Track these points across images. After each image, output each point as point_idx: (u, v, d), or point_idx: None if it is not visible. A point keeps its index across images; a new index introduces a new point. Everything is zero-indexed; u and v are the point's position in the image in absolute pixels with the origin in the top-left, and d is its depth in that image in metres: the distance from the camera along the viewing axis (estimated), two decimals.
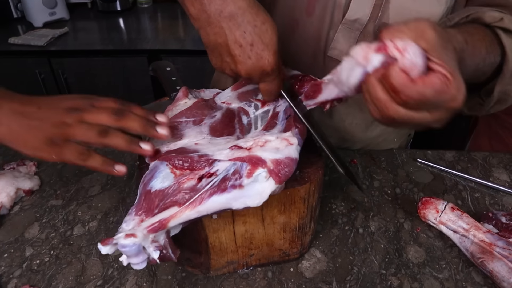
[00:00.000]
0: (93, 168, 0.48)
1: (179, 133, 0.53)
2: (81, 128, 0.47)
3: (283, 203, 0.51)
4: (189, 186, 0.45)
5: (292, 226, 0.54)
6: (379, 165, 0.78)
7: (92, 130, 0.47)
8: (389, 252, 0.61)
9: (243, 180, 0.44)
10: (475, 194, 0.72)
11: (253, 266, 0.58)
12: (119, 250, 0.42)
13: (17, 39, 1.69)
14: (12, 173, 0.71)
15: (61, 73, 1.71)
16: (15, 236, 0.63)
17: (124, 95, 1.77)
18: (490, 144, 1.03)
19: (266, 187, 0.44)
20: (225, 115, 0.57)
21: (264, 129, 0.55)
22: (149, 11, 2.08)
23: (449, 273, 0.58)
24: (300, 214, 0.53)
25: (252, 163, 0.45)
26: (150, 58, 1.67)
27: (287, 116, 0.55)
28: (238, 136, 0.54)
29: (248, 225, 0.52)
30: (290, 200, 0.51)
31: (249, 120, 0.58)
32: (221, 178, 0.45)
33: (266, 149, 0.46)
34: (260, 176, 0.44)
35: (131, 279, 0.57)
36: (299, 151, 0.49)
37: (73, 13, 2.02)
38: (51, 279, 0.57)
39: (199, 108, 0.56)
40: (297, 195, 0.51)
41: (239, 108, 0.59)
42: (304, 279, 0.57)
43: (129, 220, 0.44)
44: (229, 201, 0.44)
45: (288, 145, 0.47)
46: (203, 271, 0.57)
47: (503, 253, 0.56)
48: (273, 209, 0.51)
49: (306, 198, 0.52)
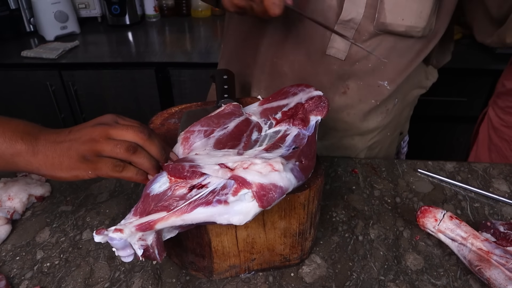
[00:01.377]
0: (128, 178, 0.51)
1: (188, 144, 0.56)
2: (109, 143, 0.50)
3: (284, 209, 0.53)
4: (179, 194, 0.47)
5: (293, 231, 0.56)
6: (380, 174, 0.80)
7: (121, 146, 0.50)
8: (388, 259, 0.62)
9: (229, 197, 0.45)
10: (474, 204, 0.73)
11: (254, 270, 0.60)
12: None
13: (30, 52, 1.74)
14: (25, 180, 0.74)
15: (71, 85, 1.75)
16: (26, 240, 0.66)
17: (132, 106, 1.81)
18: (490, 157, 1.04)
19: (250, 207, 0.44)
20: (237, 127, 0.59)
21: (266, 149, 0.55)
22: (157, 25, 2.13)
23: (447, 280, 0.59)
24: (300, 220, 0.55)
25: (238, 182, 0.45)
26: (157, 70, 1.71)
27: (295, 146, 0.55)
28: (239, 151, 0.54)
29: (250, 230, 0.54)
30: (290, 206, 0.53)
31: (258, 137, 0.59)
32: (210, 191, 0.46)
33: (248, 171, 0.46)
34: (247, 196, 0.45)
35: (137, 282, 0.58)
36: (294, 183, 0.47)
37: (84, 27, 2.08)
38: (61, 281, 0.59)
39: (218, 117, 0.59)
40: (297, 201, 0.52)
41: (256, 123, 0.61)
42: (305, 284, 0.59)
43: (127, 218, 0.47)
44: (213, 214, 0.44)
45: (272, 171, 0.46)
46: (206, 275, 0.59)
47: (500, 261, 0.58)
48: (274, 214, 0.53)
49: (306, 204, 0.53)
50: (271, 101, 0.64)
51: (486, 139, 1.06)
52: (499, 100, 1.03)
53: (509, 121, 0.99)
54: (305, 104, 0.60)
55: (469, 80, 1.64)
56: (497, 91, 1.05)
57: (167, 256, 0.62)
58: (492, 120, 1.04)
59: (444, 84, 1.63)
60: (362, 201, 0.74)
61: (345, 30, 0.74)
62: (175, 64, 1.70)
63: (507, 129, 0.99)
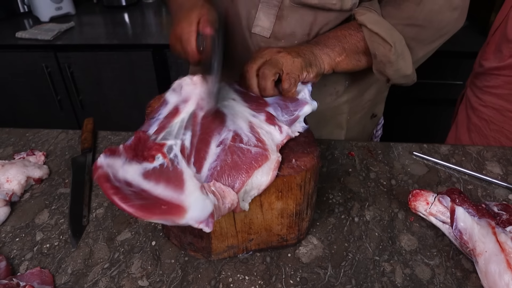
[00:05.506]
0: None
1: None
2: None
3: (280, 190, 0.54)
4: None
5: (290, 212, 0.57)
6: (376, 157, 0.81)
7: None
8: (383, 240, 0.64)
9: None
10: (468, 186, 0.74)
11: (252, 250, 0.61)
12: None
13: (24, 33, 1.72)
14: (23, 162, 0.74)
15: (67, 67, 1.73)
16: (26, 222, 0.66)
17: (129, 89, 1.80)
18: (469, 137, 1.04)
19: None
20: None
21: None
22: (154, 6, 2.10)
23: (439, 260, 0.61)
24: (297, 201, 0.56)
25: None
26: (154, 52, 1.70)
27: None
28: None
29: (247, 211, 0.55)
30: (287, 187, 0.53)
31: None
32: None
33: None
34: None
35: (136, 263, 0.60)
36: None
37: (79, 8, 2.05)
38: (61, 262, 0.60)
39: None
40: (294, 182, 0.53)
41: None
42: (301, 264, 0.60)
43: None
44: None
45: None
46: (205, 255, 0.60)
47: None
48: (271, 195, 0.54)
49: (303, 185, 0.54)
50: None
51: (465, 119, 1.06)
52: (477, 80, 1.03)
53: (487, 100, 0.98)
54: None
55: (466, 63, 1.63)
56: (475, 71, 1.05)
57: (166, 237, 0.63)
58: (471, 100, 1.04)
59: (439, 66, 1.64)
60: (358, 183, 0.74)
61: (269, 8, 0.76)
62: None
63: (485, 108, 0.99)
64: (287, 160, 0.54)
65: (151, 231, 0.65)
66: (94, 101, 1.86)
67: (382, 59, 0.73)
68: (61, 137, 0.88)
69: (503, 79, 0.95)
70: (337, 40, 0.74)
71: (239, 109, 0.58)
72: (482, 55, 1.03)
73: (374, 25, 0.71)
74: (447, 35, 0.77)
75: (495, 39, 0.98)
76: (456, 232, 0.60)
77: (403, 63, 0.74)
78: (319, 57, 0.72)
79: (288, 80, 0.65)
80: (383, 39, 0.71)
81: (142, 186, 0.46)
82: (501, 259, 0.53)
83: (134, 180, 0.46)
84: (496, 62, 0.96)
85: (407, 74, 0.76)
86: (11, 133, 0.89)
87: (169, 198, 0.45)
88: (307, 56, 0.70)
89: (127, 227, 0.65)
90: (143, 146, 0.51)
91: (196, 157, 0.51)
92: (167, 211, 0.43)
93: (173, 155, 0.50)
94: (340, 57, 0.74)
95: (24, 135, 0.88)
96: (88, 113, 1.87)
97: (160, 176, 0.47)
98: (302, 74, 0.68)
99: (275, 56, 0.67)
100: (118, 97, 1.83)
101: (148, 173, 0.47)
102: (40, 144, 0.85)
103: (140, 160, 0.49)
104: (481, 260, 0.55)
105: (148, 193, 0.45)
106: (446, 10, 0.73)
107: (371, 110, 0.98)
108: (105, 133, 0.89)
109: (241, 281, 0.57)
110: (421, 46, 0.77)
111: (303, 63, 0.68)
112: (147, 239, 0.63)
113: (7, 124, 0.99)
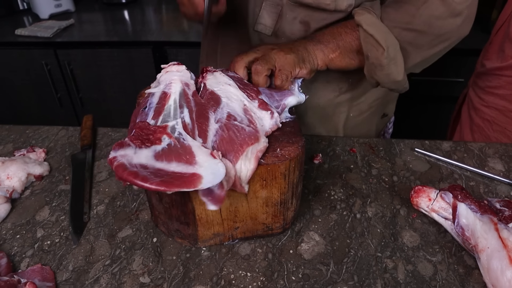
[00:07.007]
0: None
1: None
2: None
3: (265, 178, 0.54)
4: None
5: (274, 201, 0.57)
6: (378, 154, 0.81)
7: None
8: (385, 236, 0.63)
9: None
10: (470, 183, 0.74)
11: (238, 238, 0.62)
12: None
13: (24, 30, 1.72)
14: (23, 159, 0.74)
15: (67, 64, 1.73)
16: (26, 219, 0.66)
17: (129, 86, 1.80)
18: (472, 137, 1.03)
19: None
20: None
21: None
22: (154, 3, 2.10)
23: (442, 257, 0.60)
24: (281, 190, 0.56)
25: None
26: (154, 49, 1.69)
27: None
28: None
29: (232, 199, 0.55)
30: (271, 175, 0.54)
31: None
32: None
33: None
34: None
35: (138, 259, 0.59)
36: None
37: (79, 5, 2.05)
38: (62, 259, 0.60)
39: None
40: (278, 170, 0.54)
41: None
42: (303, 260, 0.60)
43: None
44: None
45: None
46: (191, 242, 0.60)
47: None
48: (255, 183, 0.54)
49: (287, 174, 0.55)
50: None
51: (467, 120, 1.06)
52: (479, 80, 1.02)
53: (490, 101, 0.98)
54: None
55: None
56: (477, 71, 1.05)
57: (155, 224, 0.64)
58: (473, 101, 1.04)
59: (440, 63, 1.63)
60: (360, 180, 0.74)
61: (272, 6, 0.77)
62: (172, 43, 1.68)
63: (487, 109, 0.99)
64: (272, 149, 0.55)
65: (152, 227, 0.64)
66: (94, 98, 1.86)
67: (374, 61, 0.73)
68: (61, 134, 0.87)
69: (506, 79, 0.94)
70: (332, 37, 0.74)
71: (234, 93, 0.60)
72: (484, 55, 1.02)
73: (370, 26, 0.71)
74: (448, 41, 0.77)
75: (498, 39, 0.98)
76: (458, 228, 0.60)
77: (395, 68, 0.74)
78: (312, 53, 0.72)
79: (280, 77, 0.66)
80: (377, 41, 0.70)
81: (157, 166, 0.48)
82: (503, 255, 0.53)
83: (149, 163, 0.49)
84: (499, 62, 0.95)
85: (398, 80, 0.76)
86: (11, 130, 0.89)
87: (184, 171, 0.47)
88: (300, 52, 0.70)
89: (128, 224, 0.65)
90: (147, 133, 0.52)
91: (199, 129, 0.54)
92: (185, 182, 0.46)
93: (178, 134, 0.52)
94: (333, 54, 0.74)
95: (24, 132, 0.88)
96: (88, 110, 1.87)
97: (171, 154, 0.49)
98: (295, 70, 0.68)
99: (268, 52, 0.68)
100: (118, 94, 1.83)
101: (159, 154, 0.49)
102: (40, 141, 0.85)
103: (148, 145, 0.50)
104: (483, 256, 0.55)
105: (164, 171, 0.47)
106: (448, 16, 0.72)
107: (381, 110, 0.98)
108: (105, 129, 0.89)
109: (243, 277, 0.57)
110: (419, 51, 0.76)
111: (296, 59, 0.68)
112: (148, 236, 0.63)
113: (7, 121, 0.99)
